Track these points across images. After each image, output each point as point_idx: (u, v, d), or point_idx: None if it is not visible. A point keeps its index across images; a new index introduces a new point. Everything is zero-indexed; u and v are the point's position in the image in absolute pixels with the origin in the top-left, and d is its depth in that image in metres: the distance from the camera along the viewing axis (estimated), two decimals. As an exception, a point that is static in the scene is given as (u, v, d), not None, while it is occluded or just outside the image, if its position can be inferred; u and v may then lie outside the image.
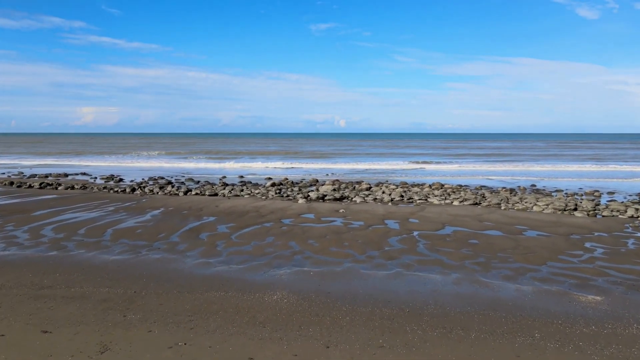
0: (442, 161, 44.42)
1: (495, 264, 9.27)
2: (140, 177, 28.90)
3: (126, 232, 12.14)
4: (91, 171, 33.09)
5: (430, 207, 16.72)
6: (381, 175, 30.95)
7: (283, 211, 15.67)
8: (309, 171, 34.11)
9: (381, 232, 12.29)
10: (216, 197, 19.36)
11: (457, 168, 36.69)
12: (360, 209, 16.33)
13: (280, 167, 37.97)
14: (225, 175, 29.83)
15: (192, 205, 16.77)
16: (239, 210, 15.72)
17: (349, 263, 9.35)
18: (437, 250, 10.47)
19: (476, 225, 13.33)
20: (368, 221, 13.95)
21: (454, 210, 16.09)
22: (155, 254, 9.92)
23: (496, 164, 39.99)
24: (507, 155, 54.30)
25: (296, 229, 12.64)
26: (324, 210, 15.98)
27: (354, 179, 28.13)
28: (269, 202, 17.65)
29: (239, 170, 34.57)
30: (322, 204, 17.38)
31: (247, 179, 28.26)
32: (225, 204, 17.06)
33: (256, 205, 16.98)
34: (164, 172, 32.95)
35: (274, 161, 45.92)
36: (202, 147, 79.26)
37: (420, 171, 33.71)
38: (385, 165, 38.71)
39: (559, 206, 16.71)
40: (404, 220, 14.11)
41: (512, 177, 28.89)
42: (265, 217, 14.50)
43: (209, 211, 15.58)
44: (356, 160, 46.02)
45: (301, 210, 15.83)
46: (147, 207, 16.29)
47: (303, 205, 17.10)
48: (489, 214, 15.25)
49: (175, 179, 27.84)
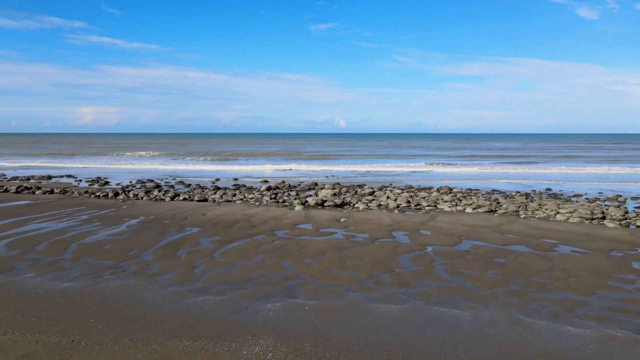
0: (448, 163, 42.70)
1: (533, 294, 7.54)
2: (129, 179, 27.18)
3: (92, 248, 10.40)
4: (78, 173, 31.36)
5: (441, 216, 14.98)
6: (384, 178, 29.22)
7: (277, 221, 13.93)
8: (307, 174, 32.39)
9: (389, 248, 10.55)
10: (205, 204, 17.63)
11: (465, 171, 34.96)
12: (363, 217, 14.60)
13: (278, 169, 36.26)
14: (219, 178, 28.10)
15: (177, 213, 15.04)
16: (228, 220, 13.98)
17: (353, 292, 7.62)
18: (459, 273, 8.73)
19: (498, 239, 11.59)
20: (373, 233, 12.21)
21: (468, 219, 14.35)
22: (118, 279, 8.19)
23: (505, 166, 38.26)
24: (516, 156, 52.46)
25: (291, 244, 10.91)
26: (323, 219, 14.25)
27: (356, 182, 26.39)
28: (263, 209, 15.92)
29: (234, 173, 32.86)
30: (321, 212, 15.65)
31: (242, 182, 26.54)
32: (213, 212, 15.33)
33: (248, 213, 15.25)
34: (155, 174, 31.22)
35: (272, 162, 44.21)
36: (200, 148, 77.57)
37: (425, 174, 31.97)
38: (388, 167, 36.97)
39: (585, 214, 14.97)
40: (414, 232, 12.37)
41: (525, 181, 27.17)
42: (257, 228, 12.76)
43: (194, 220, 13.84)
44: (357, 162, 44.31)
45: (298, 220, 14.09)
46: (125, 216, 14.56)
47: (300, 213, 15.37)
48: (509, 224, 13.50)
49: (165, 182, 26.12)
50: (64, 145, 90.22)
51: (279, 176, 30.07)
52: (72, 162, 42.69)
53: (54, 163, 41.80)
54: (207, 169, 35.71)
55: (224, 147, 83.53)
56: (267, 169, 36.04)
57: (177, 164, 41.99)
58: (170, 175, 29.82)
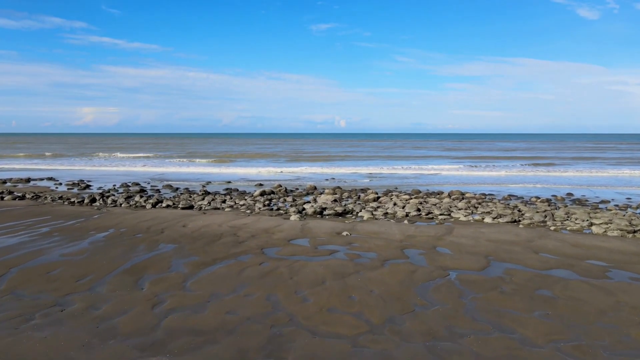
0: (456, 165, 40.67)
1: (608, 352, 5.52)
2: (114, 182, 25.18)
3: (35, 274, 8.38)
4: (62, 175, 29.35)
5: (458, 228, 12.95)
6: (389, 181, 27.19)
7: (268, 234, 11.92)
8: (306, 176, 30.37)
9: (404, 274, 8.54)
10: (189, 212, 15.62)
11: (475, 173, 32.91)
12: (369, 229, 12.59)
13: (275, 171, 34.23)
14: (210, 181, 26.09)
15: (153, 225, 13.02)
16: (211, 233, 11.97)
17: (361, 348, 5.60)
18: (498, 313, 6.71)
19: (534, 260, 9.57)
20: (382, 251, 10.20)
21: (491, 232, 12.33)
22: (49, 325, 6.17)
23: (520, 169, 36.15)
24: (528, 158, 49.91)
25: (282, 268, 8.90)
26: (322, 232, 12.23)
27: (358, 185, 24.38)
28: (254, 219, 13.91)
29: (228, 175, 30.84)
30: (320, 222, 13.64)
31: (236, 185, 24.52)
32: (196, 223, 13.32)
33: (236, 224, 13.24)
34: (143, 177, 29.21)
35: (269, 164, 42.23)
36: (197, 148, 75.53)
37: (433, 177, 29.94)
38: (392, 170, 34.93)
39: (624, 226, 12.94)
40: (430, 251, 10.35)
41: (541, 185, 25.14)
42: (243, 245, 10.75)
43: (171, 235, 11.83)
44: (359, 164, 42.29)
45: (292, 233, 12.08)
46: (92, 228, 12.54)
47: (296, 224, 13.35)
48: (540, 239, 11.48)
49: (152, 185, 24.11)
50: (59, 145, 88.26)
51: (276, 179, 28.08)
52: (60, 164, 40.71)
53: (42, 165, 39.83)
54: (199, 172, 33.72)
55: (222, 147, 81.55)
56: (263, 171, 34.03)
57: (168, 165, 40.02)
58: (159, 178, 27.81)
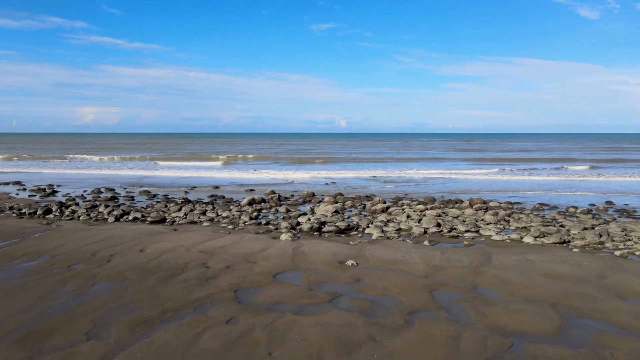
0: (471, 170, 37.64)
1: None
2: (88, 187, 22.25)
3: None
4: (32, 179, 26.43)
5: (497, 252, 9.98)
6: (397, 186, 24.22)
7: (249, 265, 8.97)
8: (303, 180, 27.42)
9: (443, 344, 5.59)
10: (158, 228, 12.69)
11: (494, 177, 29.89)
12: (381, 255, 9.64)
13: (269, 174, 31.28)
14: (196, 186, 23.14)
15: (103, 248, 10.08)
16: (173, 263, 9.02)
17: None
18: None
19: (626, 314, 6.62)
20: (403, 295, 7.27)
21: (542, 260, 9.35)
22: None
23: (544, 174, 33.09)
24: (546, 160, 46.13)
25: (258, 330, 5.95)
26: (319, 260, 9.29)
27: (362, 192, 21.41)
28: (234, 239, 10.96)
29: (216, 179, 27.92)
30: (318, 243, 10.69)
31: (224, 190, 21.58)
32: (159, 245, 10.37)
33: (210, 246, 10.30)
34: (124, 180, 26.29)
35: (266, 166, 39.32)
36: (195, 149, 72.47)
37: (446, 181, 26.93)
38: (400, 173, 31.92)
39: None
40: (471, 294, 7.40)
41: (574, 193, 22.17)
42: (211, 284, 7.80)
43: (119, 264, 8.88)
44: (362, 166, 39.31)
45: (280, 262, 9.13)
46: (21, 254, 9.60)
47: (286, 246, 10.40)
48: (613, 273, 8.51)
49: (128, 191, 21.17)
50: (51, 145, 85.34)
51: (269, 182, 25.15)
52: (38, 166, 37.80)
53: (19, 167, 36.92)
54: (185, 175, 30.80)
55: (219, 147, 78.57)
56: (254, 175, 31.09)
57: (152, 169, 37.14)
58: (139, 183, 24.85)
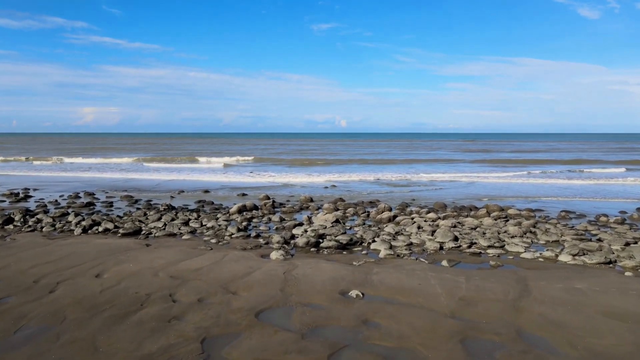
0: (478, 171, 35.73)
1: None
2: (65, 191, 20.41)
3: None
4: (9, 182, 24.59)
5: (534, 277, 8.11)
6: (402, 190, 22.35)
7: (226, 296, 7.11)
8: (301, 184, 25.57)
9: None
10: (128, 242, 10.83)
11: (506, 180, 28.00)
12: (392, 283, 7.78)
13: (265, 178, 29.44)
14: (184, 190, 21.26)
15: (54, 271, 8.23)
16: (132, 294, 7.17)
17: None
18: None
19: None
20: (426, 349, 5.41)
21: (595, 290, 7.48)
22: None
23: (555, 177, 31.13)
24: (559, 162, 43.38)
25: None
26: (316, 290, 7.43)
27: (365, 197, 19.54)
28: (215, 258, 9.10)
29: (207, 182, 26.08)
30: (314, 264, 8.82)
31: (214, 195, 19.71)
32: (121, 268, 8.52)
33: (183, 269, 8.44)
34: (108, 184, 24.46)
35: (263, 167, 37.47)
36: (192, 149, 70.44)
37: (454, 185, 25.04)
38: (404, 175, 30.05)
39: None
40: (519, 350, 5.52)
41: (599, 199, 20.30)
42: (172, 331, 5.93)
43: (61, 297, 7.02)
44: (364, 169, 37.42)
45: (267, 292, 7.26)
46: (-54, 281, 7.74)
47: (276, 269, 8.54)
48: (691, 310, 6.64)
49: (108, 196, 19.33)
50: (44, 145, 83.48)
51: (265, 185, 23.30)
52: (24, 169, 35.99)
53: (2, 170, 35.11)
54: (173, 178, 28.95)
55: (216, 147, 76.65)
56: (249, 177, 29.24)
57: (140, 171, 35.33)
58: (123, 187, 22.99)
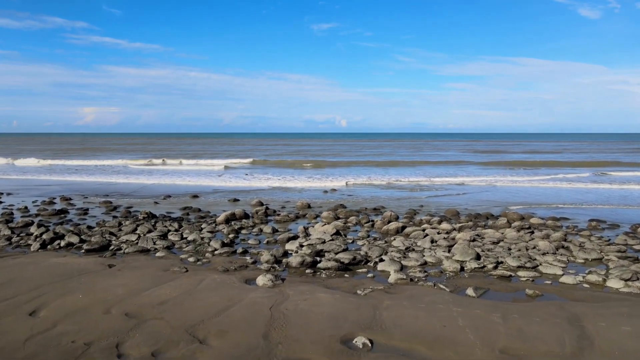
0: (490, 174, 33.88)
1: None
2: (41, 196, 18.67)
3: None
4: (-15, 185, 22.86)
5: (591, 317, 6.34)
6: (408, 195, 20.56)
7: (191, 347, 5.34)
8: (297, 188, 23.81)
9: None
10: (91, 261, 9.08)
11: (521, 184, 26.21)
12: (408, 324, 6.02)
13: (261, 181, 27.69)
14: (171, 195, 19.51)
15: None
16: (65, 343, 5.41)
17: None
18: None
19: None
20: None
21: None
22: None
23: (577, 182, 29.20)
24: (570, 164, 40.59)
25: None
26: (310, 338, 5.65)
27: (368, 202, 17.76)
28: (187, 286, 7.34)
29: (201, 186, 24.35)
30: (309, 295, 7.06)
31: (203, 201, 17.96)
32: (68, 300, 6.77)
33: (146, 301, 6.70)
34: (90, 187, 22.74)
35: (259, 169, 35.74)
36: (189, 149, 68.63)
37: (464, 189, 23.23)
38: (409, 178, 28.26)
39: None
40: None
41: (621, 206, 18.51)
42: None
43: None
44: (367, 171, 35.62)
45: (245, 344, 5.48)
46: None
47: (261, 302, 6.77)
48: None
49: (87, 201, 17.60)
50: (41, 146, 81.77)
51: (260, 189, 21.57)
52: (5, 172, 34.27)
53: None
54: (161, 182, 27.23)
55: (213, 147, 74.89)
56: (243, 180, 27.49)
57: (128, 174, 33.61)
58: (106, 191, 21.23)
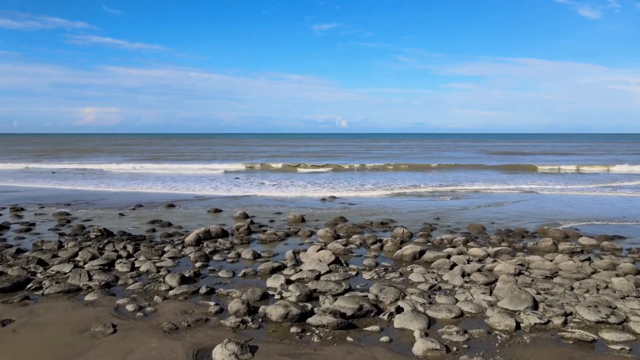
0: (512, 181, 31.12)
1: None
2: None
3: None
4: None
5: None
6: (419, 204, 17.75)
7: None
8: (292, 197, 21.03)
9: None
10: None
11: (552, 192, 23.46)
12: None
13: (250, 187, 24.94)
14: (142, 204, 16.72)
15: None
16: None
17: None
18: None
19: None
20: None
21: None
22: None
23: (622, 190, 26.51)
24: (597, 166, 39.73)
25: None
26: None
27: (374, 213, 14.95)
28: None
29: (180, 194, 21.62)
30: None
31: (178, 212, 15.17)
32: None
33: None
34: (56, 194, 20.00)
35: (253, 174, 32.98)
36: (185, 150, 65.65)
37: (484, 197, 20.45)
38: (420, 183, 25.46)
39: None
40: None
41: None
42: None
43: None
44: (370, 176, 32.85)
45: None
46: None
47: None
48: None
49: (39, 213, 14.84)
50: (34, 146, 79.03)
51: (248, 196, 18.81)
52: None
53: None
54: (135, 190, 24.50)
55: (210, 148, 72.08)
56: (231, 186, 24.74)
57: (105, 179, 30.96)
58: (71, 199, 18.43)
